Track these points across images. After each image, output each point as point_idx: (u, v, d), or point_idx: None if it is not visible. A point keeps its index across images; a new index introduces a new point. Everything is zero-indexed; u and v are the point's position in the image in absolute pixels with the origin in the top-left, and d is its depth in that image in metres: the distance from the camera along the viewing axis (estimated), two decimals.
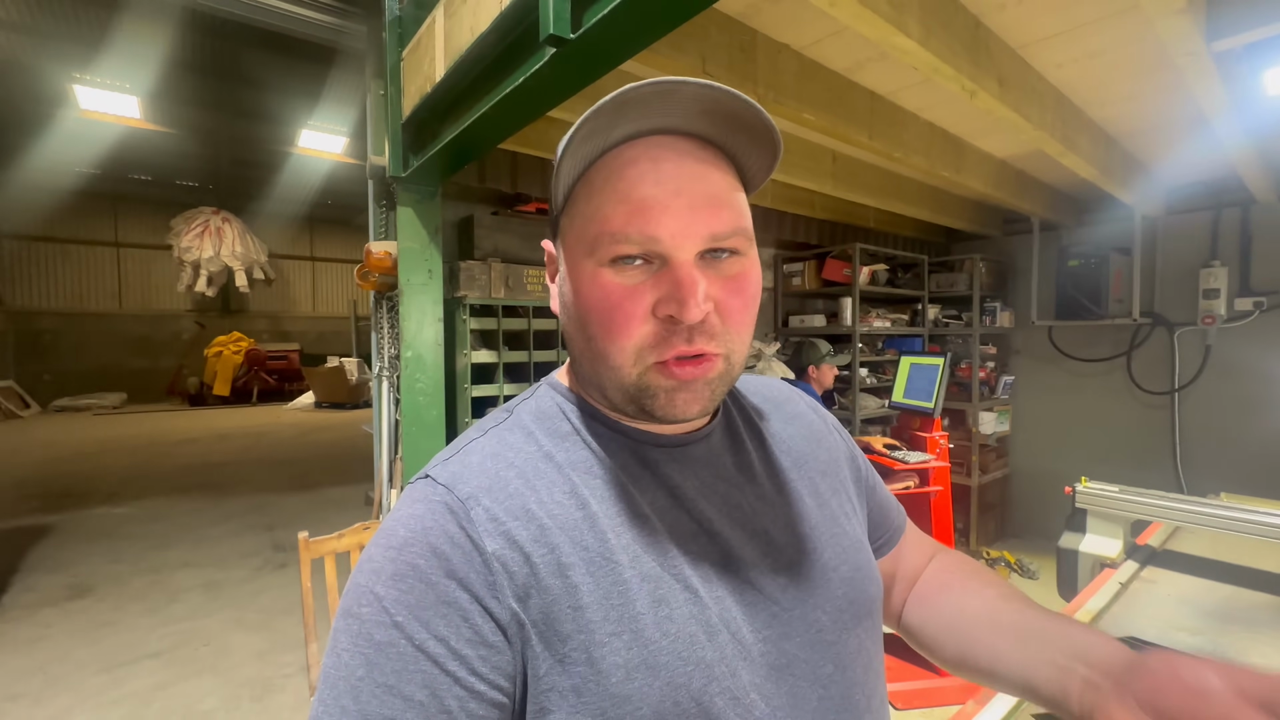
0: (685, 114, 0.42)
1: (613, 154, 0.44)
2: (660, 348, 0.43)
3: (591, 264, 0.44)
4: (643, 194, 0.42)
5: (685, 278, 0.42)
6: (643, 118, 0.42)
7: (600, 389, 0.48)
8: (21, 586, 3.42)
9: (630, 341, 0.43)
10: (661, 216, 0.42)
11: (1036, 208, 3.36)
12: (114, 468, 6.45)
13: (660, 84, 0.39)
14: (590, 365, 0.47)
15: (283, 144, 9.01)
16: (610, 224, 0.42)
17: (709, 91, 0.40)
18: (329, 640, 0.41)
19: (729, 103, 0.41)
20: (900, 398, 2.69)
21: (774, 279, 4.07)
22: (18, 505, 4.99)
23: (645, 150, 0.43)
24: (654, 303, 0.43)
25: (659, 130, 0.44)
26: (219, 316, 12.92)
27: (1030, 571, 3.63)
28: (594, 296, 0.44)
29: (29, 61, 6.81)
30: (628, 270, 0.43)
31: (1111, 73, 2.04)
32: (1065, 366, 4.01)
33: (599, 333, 0.44)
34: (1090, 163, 2.48)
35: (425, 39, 1.83)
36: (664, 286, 0.42)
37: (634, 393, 0.45)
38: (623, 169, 0.43)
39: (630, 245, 0.42)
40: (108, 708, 2.33)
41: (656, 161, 0.43)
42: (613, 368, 0.45)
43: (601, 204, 0.43)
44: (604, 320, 0.44)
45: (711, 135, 0.45)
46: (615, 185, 0.43)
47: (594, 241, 0.43)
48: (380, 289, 2.32)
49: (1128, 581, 1.58)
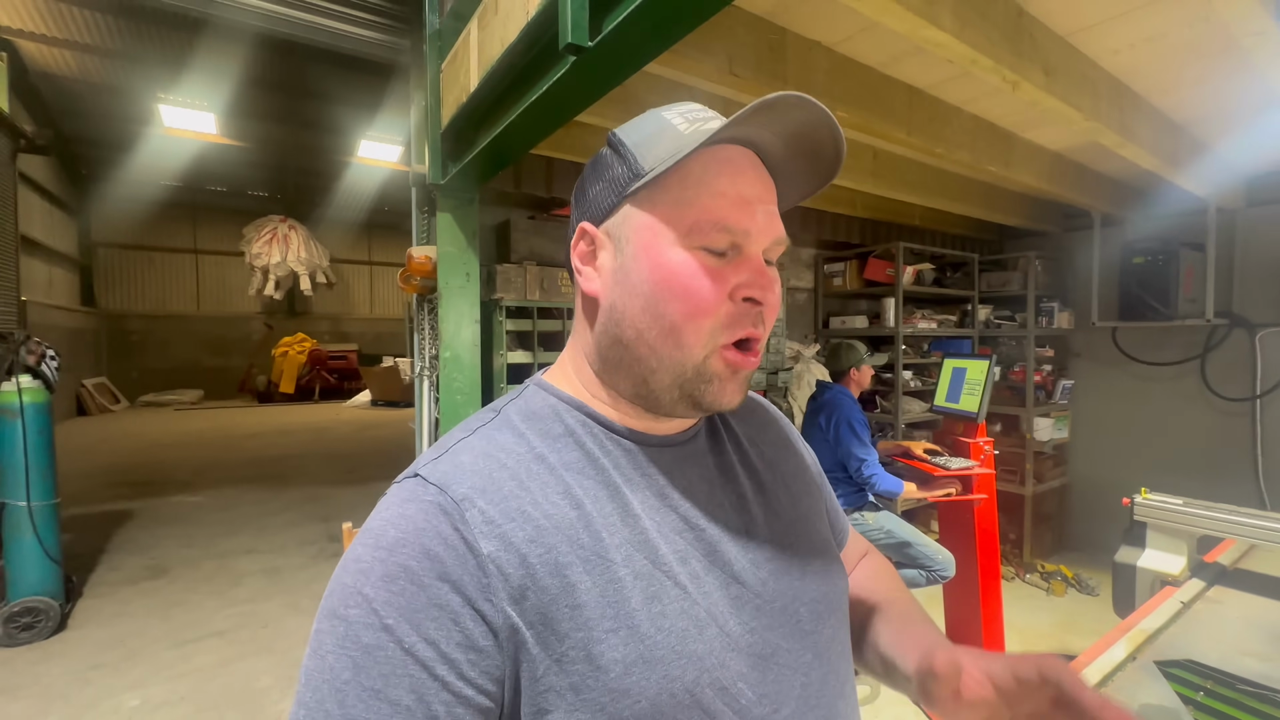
0: (780, 131, 0.48)
1: (709, 151, 0.48)
2: (733, 328, 0.47)
3: (684, 245, 0.47)
4: (739, 191, 0.47)
5: (762, 266, 0.48)
6: (750, 124, 0.46)
7: (645, 374, 0.48)
8: (107, 566, 3.74)
9: (709, 320, 0.46)
10: (752, 215, 0.48)
11: (1097, 202, 3.18)
12: (189, 459, 6.95)
13: (802, 96, 0.44)
14: (648, 347, 0.48)
15: (343, 154, 9.50)
16: (712, 213, 0.46)
17: (824, 115, 0.46)
18: (311, 641, 0.40)
19: (824, 131, 0.47)
20: (942, 401, 2.59)
21: (814, 279, 3.99)
22: (107, 491, 5.44)
23: (738, 155, 0.49)
24: (734, 287, 0.47)
25: (744, 141, 0.49)
26: (285, 318, 13.70)
27: (1089, 587, 3.42)
28: (683, 275, 0.46)
29: (122, 84, 7.44)
30: (711, 256, 0.47)
31: (1172, 57, 1.91)
32: (1130, 370, 3.76)
33: (680, 309, 0.46)
34: (1153, 153, 2.33)
35: (461, 51, 1.91)
36: (744, 273, 0.47)
37: (691, 375, 0.47)
38: (721, 167, 0.48)
39: (727, 235, 0.47)
40: (176, 680, 2.53)
41: (745, 169, 0.49)
42: (683, 346, 0.47)
43: (699, 194, 0.47)
44: (691, 299, 0.46)
45: (774, 156, 0.51)
46: (716, 179, 0.47)
47: (692, 226, 0.47)
48: (422, 292, 2.42)
49: (1190, 601, 1.48)
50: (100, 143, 9.58)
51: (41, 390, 2.89)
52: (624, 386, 0.51)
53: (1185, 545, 2.03)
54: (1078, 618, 3.14)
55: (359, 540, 0.43)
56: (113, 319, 11.91)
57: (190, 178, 11.33)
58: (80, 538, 4.10)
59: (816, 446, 2.49)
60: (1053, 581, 3.44)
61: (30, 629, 2.79)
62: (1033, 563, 3.72)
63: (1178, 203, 3.14)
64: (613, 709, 0.40)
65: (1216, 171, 2.73)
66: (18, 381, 2.80)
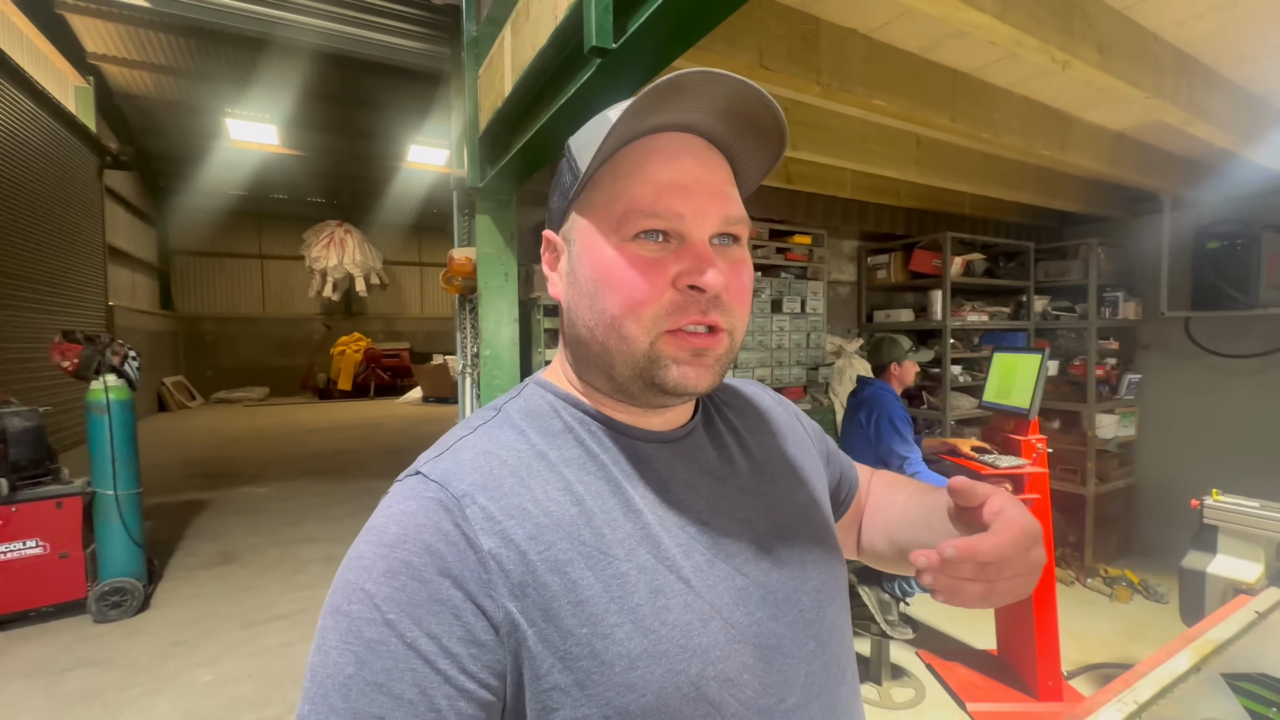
0: (711, 110, 0.47)
1: (639, 142, 0.48)
2: (676, 315, 0.46)
3: (616, 239, 0.47)
4: (669, 177, 0.47)
5: (704, 251, 0.46)
6: (672, 110, 0.46)
7: (607, 369, 0.49)
8: (185, 551, 4.03)
9: (649, 309, 0.46)
10: (686, 197, 0.46)
11: (1166, 183, 2.97)
12: (257, 453, 7.38)
13: (707, 72, 0.43)
14: (600, 344, 0.49)
15: (394, 159, 9.86)
16: (639, 202, 0.46)
17: (743, 86, 0.45)
18: (315, 638, 0.41)
19: (754, 102, 0.46)
20: (992, 397, 2.49)
21: (857, 272, 3.89)
22: (185, 482, 5.86)
23: (668, 143, 0.48)
24: (675, 275, 0.46)
25: (680, 127, 0.48)
26: (342, 318, 14.34)
27: (1158, 594, 3.22)
28: (617, 269, 0.47)
29: (194, 101, 7.96)
30: (650, 244, 0.47)
31: (1246, 25, 1.77)
32: (1206, 363, 3.50)
33: (617, 302, 0.47)
34: (1227, 129, 2.17)
35: (496, 57, 1.96)
36: (685, 260, 0.46)
37: (644, 364, 0.47)
38: (650, 155, 0.47)
39: (658, 220, 0.46)
40: (245, 659, 2.71)
41: (678, 153, 0.48)
42: (626, 339, 0.47)
43: (628, 185, 0.47)
44: (625, 290, 0.46)
45: (720, 137, 0.50)
46: (643, 169, 0.47)
47: (621, 218, 0.47)
48: (463, 292, 2.50)
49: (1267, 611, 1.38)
50: (175, 157, 10.26)
51: (125, 388, 3.14)
52: (598, 382, 0.52)
53: (1262, 551, 1.89)
54: (1144, 626, 2.96)
55: (362, 537, 0.43)
56: (188, 321, 12.76)
57: (255, 187, 12.00)
58: (160, 525, 4.43)
59: (856, 443, 2.44)
60: (1116, 587, 3.25)
61: (118, 607, 3.04)
62: (1095, 567, 3.52)
63: (1258, 181, 2.89)
64: (618, 703, 0.40)
65: None
66: (104, 381, 3.05)
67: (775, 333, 3.15)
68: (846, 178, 3.04)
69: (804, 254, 3.30)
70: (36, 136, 6.14)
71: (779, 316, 3.16)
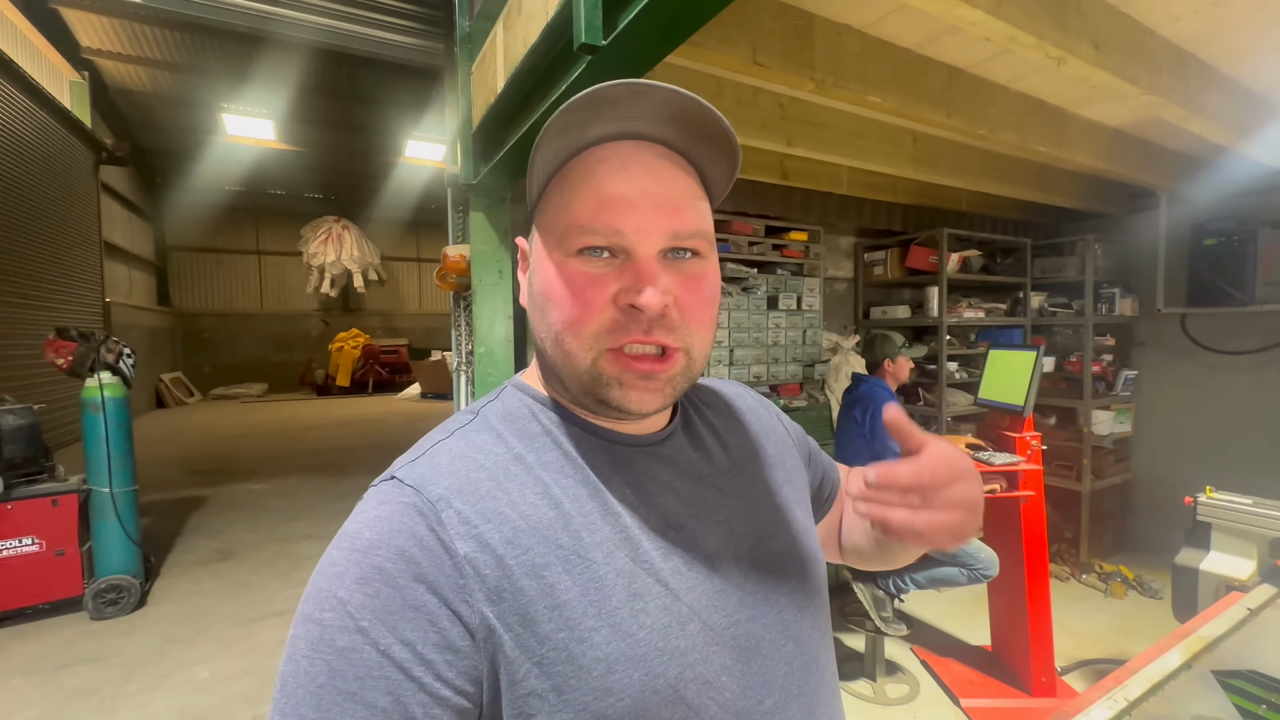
0: (654, 119, 0.45)
1: (587, 153, 0.47)
2: (617, 333, 0.45)
3: (559, 255, 0.47)
4: (611, 191, 0.45)
5: (646, 269, 0.45)
6: (615, 120, 0.45)
7: (563, 382, 0.49)
8: (182, 548, 4.03)
9: (589, 327, 0.45)
10: (628, 212, 0.45)
11: (1163, 180, 2.97)
12: (255, 449, 7.38)
13: (632, 84, 0.42)
14: (552, 357, 0.49)
15: (392, 154, 9.83)
16: (579, 217, 0.45)
17: (676, 97, 0.43)
18: (287, 647, 0.40)
19: (694, 110, 0.44)
20: (987, 394, 2.49)
21: (854, 269, 3.88)
22: (183, 479, 5.86)
23: (616, 152, 0.46)
24: (616, 292, 0.45)
25: (631, 135, 0.47)
26: (340, 315, 14.32)
27: (1152, 590, 3.23)
28: (559, 285, 0.46)
29: (189, 96, 7.91)
30: (593, 261, 0.46)
31: (1242, 20, 1.77)
32: (1202, 360, 3.50)
33: (559, 318, 0.46)
34: (1224, 126, 2.16)
35: (489, 53, 1.94)
36: (626, 277, 0.45)
37: (588, 381, 0.46)
38: (594, 167, 0.46)
39: (596, 237, 0.45)
40: (242, 655, 2.71)
41: (626, 163, 0.46)
42: (570, 354, 0.46)
43: (572, 199, 0.46)
44: (567, 307, 0.46)
45: (678, 143, 0.48)
46: (586, 182, 0.46)
47: (563, 233, 0.46)
48: (457, 289, 2.49)
49: (1258, 608, 1.39)
50: (171, 152, 10.22)
51: (120, 385, 3.13)
52: (560, 390, 0.52)
53: (1255, 549, 1.90)
54: (1138, 622, 2.97)
55: (335, 544, 0.42)
56: (186, 317, 12.74)
57: (252, 183, 11.97)
58: (158, 521, 4.43)
59: (852, 440, 2.44)
60: (1111, 583, 3.26)
61: (115, 604, 3.05)
62: (1090, 563, 3.53)
63: (1254, 178, 2.89)
64: (596, 708, 0.40)
65: None
66: (99, 378, 3.04)
67: (771, 329, 3.15)
68: (843, 174, 3.03)
69: (800, 250, 3.29)
70: (31, 132, 6.11)
71: (775, 313, 3.16)
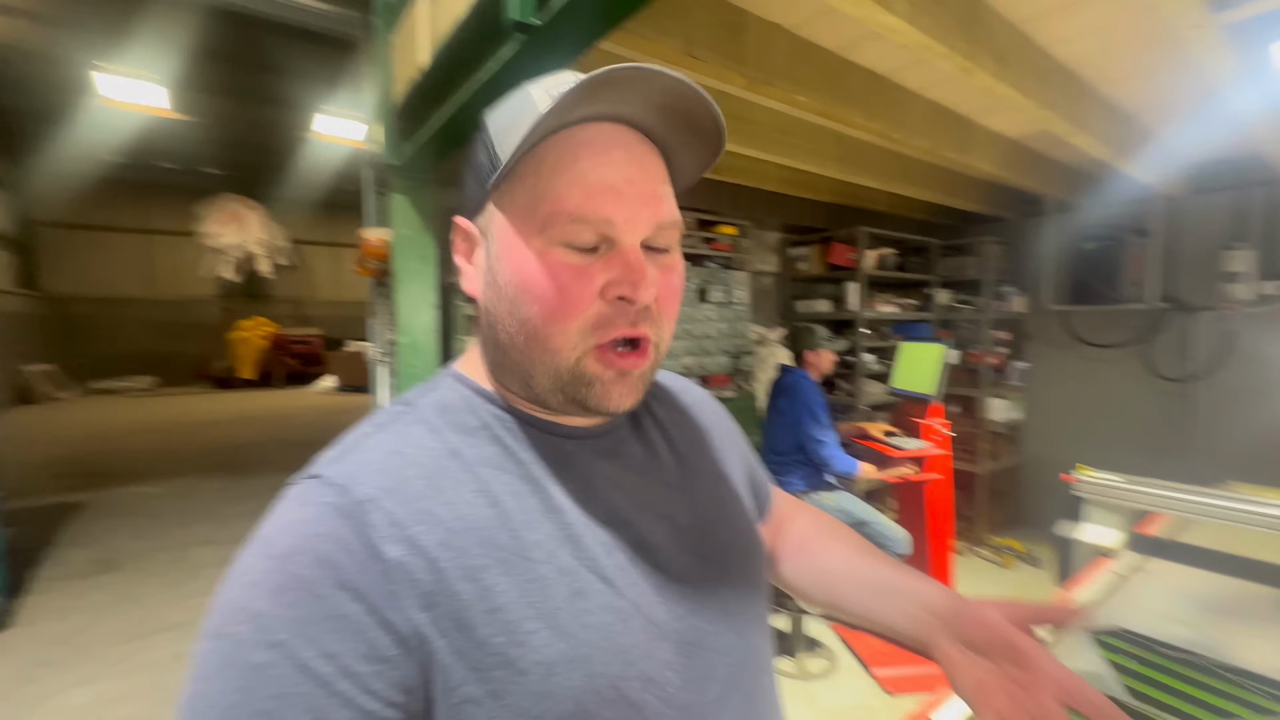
0: (644, 104, 0.43)
1: (565, 134, 0.43)
2: (604, 329, 0.43)
3: (540, 243, 0.43)
4: (599, 176, 0.43)
5: (636, 261, 0.43)
6: (602, 102, 0.42)
7: (525, 378, 0.47)
8: (53, 560, 3.60)
9: (575, 323, 0.43)
10: (617, 200, 0.43)
11: (1051, 188, 3.26)
12: (144, 448, 6.70)
13: (642, 68, 0.39)
14: (520, 352, 0.46)
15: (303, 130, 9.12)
16: (565, 203, 0.42)
17: (681, 86, 0.42)
18: (193, 665, 0.36)
19: (692, 100, 0.43)
20: (899, 384, 2.66)
21: (780, 263, 4.02)
22: (52, 483, 5.21)
23: (599, 134, 0.44)
24: (604, 285, 0.43)
25: (611, 118, 0.44)
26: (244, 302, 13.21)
27: (1037, 561, 3.58)
28: (540, 276, 0.43)
29: (50, 50, 6.96)
30: (578, 252, 0.43)
31: (1120, 47, 1.96)
32: (1080, 353, 3.90)
33: (540, 313, 0.43)
34: (1103, 141, 2.39)
35: (413, 25, 1.84)
36: (614, 269, 0.43)
37: (568, 379, 0.44)
38: (577, 150, 0.43)
39: (585, 226, 0.42)
40: (129, 675, 2.46)
41: (609, 148, 0.44)
42: (550, 351, 0.44)
43: (553, 184, 0.43)
44: (549, 300, 0.43)
45: (655, 129, 0.46)
46: (570, 166, 0.43)
47: (545, 220, 0.43)
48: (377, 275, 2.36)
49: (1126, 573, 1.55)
50: (36, 114, 9.00)
51: None
52: (515, 388, 0.49)
53: (1121, 520, 2.13)
54: (1026, 589, 3.29)
55: (248, 550, 0.39)
56: (57, 302, 11.31)
57: (139, 154, 10.71)
58: (25, 532, 3.92)
59: (777, 429, 2.53)
60: (1003, 555, 3.59)
61: None
62: (985, 537, 3.87)
63: (1126, 190, 3.25)
64: (535, 712, 0.39)
65: (1162, 159, 2.83)
66: None
67: (702, 321, 3.20)
68: (770, 170, 3.12)
69: (730, 244, 3.36)
70: None
71: (705, 306, 3.22)
